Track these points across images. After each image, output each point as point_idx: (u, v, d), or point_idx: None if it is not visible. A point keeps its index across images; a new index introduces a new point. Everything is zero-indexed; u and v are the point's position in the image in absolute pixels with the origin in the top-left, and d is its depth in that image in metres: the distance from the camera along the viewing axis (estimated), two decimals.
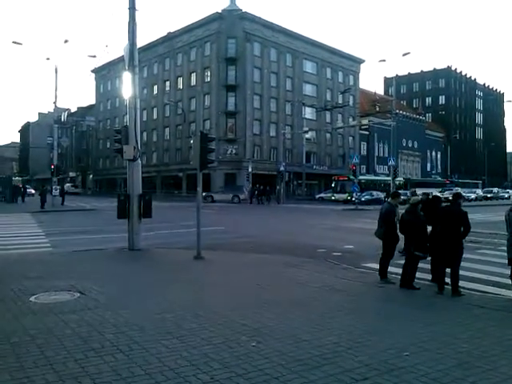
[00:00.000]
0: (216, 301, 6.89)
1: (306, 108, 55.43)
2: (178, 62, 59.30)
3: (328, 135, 61.23)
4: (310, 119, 56.79)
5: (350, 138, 64.93)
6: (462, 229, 7.56)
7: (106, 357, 4.51)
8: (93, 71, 75.54)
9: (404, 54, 37.16)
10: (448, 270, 7.69)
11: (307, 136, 52.61)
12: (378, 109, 54.84)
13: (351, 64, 65.77)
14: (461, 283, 7.73)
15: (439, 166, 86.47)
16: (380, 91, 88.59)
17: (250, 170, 46.08)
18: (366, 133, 65.85)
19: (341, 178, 47.98)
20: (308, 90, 59.86)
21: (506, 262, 7.46)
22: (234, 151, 52.13)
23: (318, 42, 61.02)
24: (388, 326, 5.81)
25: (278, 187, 45.07)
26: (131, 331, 5.33)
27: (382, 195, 40.13)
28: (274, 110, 55.80)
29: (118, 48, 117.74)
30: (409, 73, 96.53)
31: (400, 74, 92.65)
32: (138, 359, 4.46)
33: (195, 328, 5.48)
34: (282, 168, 45.07)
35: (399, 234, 8.35)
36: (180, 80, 59.02)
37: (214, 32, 53.49)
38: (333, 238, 15.91)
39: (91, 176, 78.97)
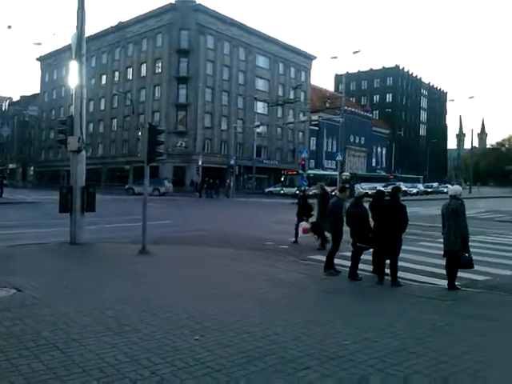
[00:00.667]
0: (160, 295, 6.80)
1: (258, 102, 55.65)
2: (128, 52, 57.82)
3: (279, 130, 61.75)
4: (262, 114, 57.05)
5: (300, 133, 65.78)
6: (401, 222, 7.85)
7: (42, 355, 4.34)
8: (38, 59, 72.32)
9: (354, 52, 38.22)
10: (388, 262, 7.97)
11: (258, 130, 52.83)
12: (327, 105, 55.87)
13: (303, 60, 66.51)
14: (400, 274, 8.03)
15: (384, 162, 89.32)
16: (330, 88, 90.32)
17: (200, 163, 45.76)
18: (316, 128, 66.95)
19: (290, 173, 48.52)
20: (260, 84, 60.05)
21: (443, 253, 7.84)
22: (184, 144, 51.54)
23: (271, 37, 61.26)
24: (330, 316, 5.94)
25: (228, 181, 45.03)
26: (69, 328, 5.16)
27: (329, 189, 40.92)
28: (225, 104, 55.61)
29: (65, 36, 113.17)
30: (358, 70, 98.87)
31: (350, 72, 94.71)
32: (76, 356, 4.32)
33: (137, 323, 5.38)
34: (232, 162, 45.07)
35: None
36: (130, 71, 57.60)
37: (167, 23, 52.53)
38: (281, 231, 16.07)
39: (32, 168, 75.63)
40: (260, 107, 56.51)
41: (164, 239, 13.08)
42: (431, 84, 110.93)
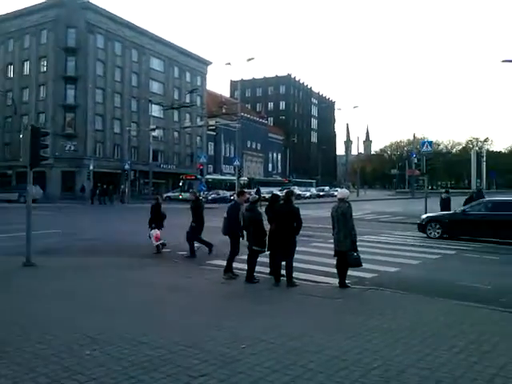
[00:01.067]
0: (46, 310, 6.30)
1: (153, 106, 54.31)
2: (8, 48, 53.22)
3: (176, 134, 60.89)
4: (158, 117, 55.78)
5: (198, 138, 65.55)
6: (295, 224, 8.13)
7: None
8: None
9: (249, 59, 38.86)
10: (284, 263, 8.20)
11: (154, 134, 51.58)
12: (224, 110, 56.37)
13: (199, 65, 66.41)
14: (295, 274, 8.30)
15: (280, 167, 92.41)
16: (226, 94, 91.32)
17: (91, 167, 43.54)
18: (214, 133, 67.22)
19: (188, 177, 48.13)
20: (155, 87, 58.76)
21: (333, 253, 8.25)
22: (73, 148, 48.62)
23: (165, 40, 60.30)
24: (228, 320, 5.94)
25: (122, 186, 43.38)
26: None
27: (228, 194, 41.34)
28: (118, 106, 53.50)
29: None
30: (253, 78, 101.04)
31: (245, 78, 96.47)
32: None
33: (20, 341, 4.92)
34: (126, 166, 43.49)
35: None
36: (10, 68, 53.08)
37: (52, 19, 49.21)
38: (178, 237, 15.82)
39: None
40: (155, 110, 55.21)
41: (52, 250, 12.20)
42: (320, 93, 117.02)
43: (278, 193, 10.31)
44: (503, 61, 30.34)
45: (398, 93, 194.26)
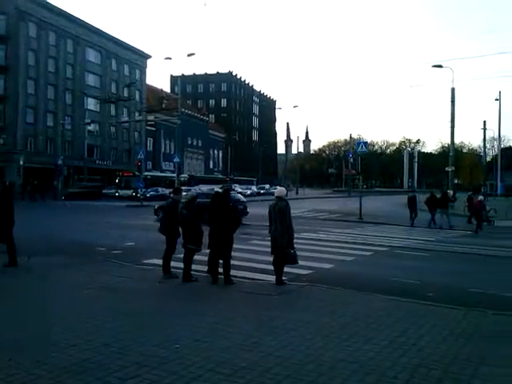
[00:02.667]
0: None
1: (89, 99, 52.43)
2: None
3: (113, 129, 59.11)
4: (94, 111, 53.94)
5: (136, 133, 63.96)
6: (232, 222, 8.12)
7: None
8: None
9: (189, 55, 38.35)
10: (221, 261, 8.16)
11: (90, 128, 49.89)
12: (164, 106, 55.39)
13: (138, 58, 64.83)
14: (233, 272, 8.29)
15: (221, 164, 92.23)
16: (167, 89, 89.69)
17: (21, 163, 41.35)
18: (153, 129, 65.83)
19: (126, 174, 46.86)
20: (91, 80, 56.70)
21: (271, 250, 8.31)
22: (1, 141, 45.95)
23: (102, 32, 58.32)
24: (163, 320, 5.83)
25: (55, 182, 41.54)
26: None
27: (167, 191, 40.65)
28: (51, 98, 51.12)
29: None
30: (194, 73, 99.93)
31: (186, 74, 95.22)
32: None
33: None
34: (59, 162, 41.70)
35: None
36: None
37: None
38: (114, 235, 15.39)
39: None
40: (91, 104, 53.31)
41: None
42: (262, 92, 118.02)
43: (219, 190, 10.25)
44: (433, 66, 32.04)
45: (337, 94, 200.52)
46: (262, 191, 62.89)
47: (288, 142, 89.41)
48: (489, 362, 4.54)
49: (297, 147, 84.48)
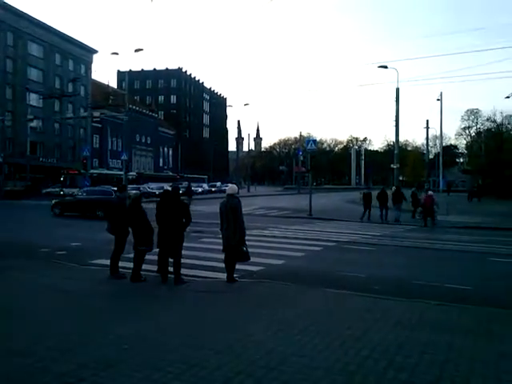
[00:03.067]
0: None
1: (32, 94, 50.23)
2: None
3: (57, 125, 56.89)
4: (37, 106, 51.68)
5: (82, 130, 61.89)
6: (183, 220, 8.02)
7: None
8: None
9: (137, 50, 37.36)
10: (171, 260, 8.05)
11: (32, 125, 47.77)
12: (111, 102, 53.85)
13: (83, 53, 62.69)
14: (184, 271, 8.20)
15: (171, 162, 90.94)
16: (114, 85, 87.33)
17: None
18: (99, 125, 63.93)
19: (71, 172, 45.36)
20: (33, 74, 54.25)
21: (222, 248, 8.29)
22: None
23: (46, 25, 55.88)
24: (111, 321, 5.68)
25: None
26: None
27: (114, 189, 39.67)
28: None
29: None
30: (142, 69, 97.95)
31: (134, 69, 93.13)
32: None
33: None
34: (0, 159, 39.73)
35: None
36: None
37: None
38: (60, 235, 14.87)
39: None
40: (34, 99, 51.06)
41: None
42: (212, 89, 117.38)
43: (169, 188, 10.09)
44: (379, 66, 33.03)
45: (287, 92, 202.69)
46: (213, 189, 62.67)
47: (239, 140, 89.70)
48: (430, 351, 4.73)
49: (248, 145, 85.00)
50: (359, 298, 7.12)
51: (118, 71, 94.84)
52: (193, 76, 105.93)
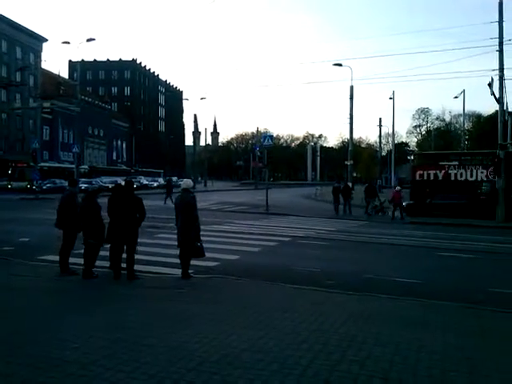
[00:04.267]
0: None
1: None
2: None
3: (4, 116, 54.37)
4: None
5: (31, 121, 59.43)
6: (137, 215, 7.86)
7: None
8: None
9: (88, 40, 36.21)
10: (124, 256, 7.88)
11: None
12: (62, 92, 52.07)
13: (32, 41, 60.07)
14: (138, 267, 8.05)
15: (125, 155, 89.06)
16: (65, 75, 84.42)
17: None
18: (50, 117, 61.66)
19: (19, 165, 43.54)
20: None
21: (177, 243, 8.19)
22: None
23: None
24: (59, 319, 5.49)
25: None
26: None
27: (65, 183, 38.46)
28: None
29: None
30: (95, 60, 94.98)
31: (86, 60, 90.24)
32: None
33: None
34: None
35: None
36: None
37: None
38: (6, 230, 14.23)
39: None
40: None
41: None
42: (168, 82, 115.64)
43: (122, 183, 9.87)
44: (334, 64, 33.59)
45: (245, 87, 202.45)
46: None
47: (196, 134, 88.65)
48: (380, 344, 4.86)
49: (205, 139, 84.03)
50: (313, 292, 7.22)
51: (70, 61, 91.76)
52: (148, 68, 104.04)
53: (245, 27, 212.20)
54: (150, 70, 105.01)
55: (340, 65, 33.16)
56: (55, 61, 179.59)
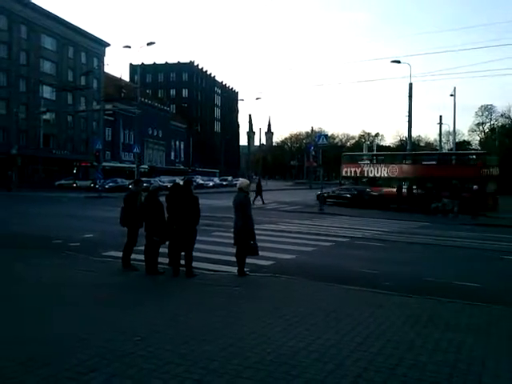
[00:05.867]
0: None
1: (45, 87, 50.65)
2: None
3: (70, 118, 57.33)
4: (49, 99, 52.03)
5: (94, 123, 62.23)
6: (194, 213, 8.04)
7: None
8: None
9: (149, 44, 37.48)
10: (183, 253, 8.09)
11: (45, 117, 48.22)
12: (123, 95, 54.13)
13: (96, 46, 62.93)
14: (196, 264, 8.24)
15: (182, 156, 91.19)
16: (126, 78, 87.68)
17: None
18: (111, 118, 64.30)
19: (83, 164, 45.74)
20: (47, 67, 54.65)
21: (233, 242, 8.32)
22: None
23: (59, 18, 56.12)
24: (123, 313, 5.73)
25: (9, 173, 40.01)
26: None
27: (126, 182, 39.95)
28: (4, 85, 49.00)
29: None
30: (154, 63, 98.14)
31: (146, 63, 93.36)
32: None
33: None
34: (14, 151, 40.16)
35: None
36: None
37: None
38: (72, 227, 15.01)
39: None
40: (47, 92, 51.45)
41: None
42: (224, 83, 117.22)
43: (180, 182, 10.13)
44: (392, 61, 32.73)
45: (299, 86, 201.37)
46: (224, 183, 62.84)
47: (250, 134, 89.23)
48: (440, 349, 4.71)
49: (259, 139, 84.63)
50: (370, 294, 7.10)
51: (131, 64, 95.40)
52: (204, 70, 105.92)
53: (299, 27, 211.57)
54: (206, 71, 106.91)
55: (398, 62, 32.24)
56: (117, 64, 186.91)
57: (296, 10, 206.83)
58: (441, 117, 45.68)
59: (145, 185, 10.03)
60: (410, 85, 32.46)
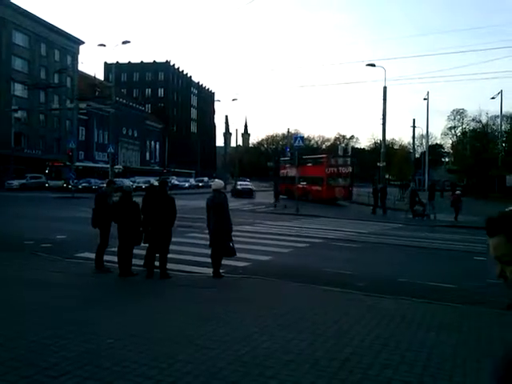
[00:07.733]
0: None
1: (16, 84, 49.42)
2: None
3: (42, 117, 56.06)
4: (21, 97, 50.84)
5: (68, 122, 61.03)
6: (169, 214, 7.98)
7: None
8: None
9: (124, 42, 36.90)
10: (158, 255, 8.00)
11: (17, 115, 47.06)
12: (97, 94, 53.32)
13: (69, 44, 61.72)
14: (170, 266, 8.16)
15: (158, 156, 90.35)
16: (100, 77, 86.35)
17: None
18: (85, 117, 63.22)
19: (56, 164, 44.83)
20: (18, 64, 53.25)
21: (209, 243, 8.27)
22: None
23: (31, 14, 54.79)
24: (94, 315, 5.63)
25: None
26: None
27: (100, 182, 39.37)
28: None
29: None
30: (129, 62, 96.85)
31: (121, 62, 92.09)
32: None
33: None
34: None
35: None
36: None
37: None
38: (44, 228, 14.70)
39: None
40: (18, 90, 50.24)
41: None
42: (200, 83, 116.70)
43: (155, 183, 10.03)
44: (367, 64, 33.16)
45: (276, 89, 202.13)
46: (200, 184, 62.51)
47: (227, 135, 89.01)
48: (413, 348, 4.79)
49: (236, 140, 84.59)
50: (344, 295, 7.16)
51: (105, 63, 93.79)
52: (181, 69, 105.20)
53: (277, 27, 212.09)
54: (183, 71, 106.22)
55: (373, 65, 32.68)
56: (91, 63, 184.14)
57: (275, 10, 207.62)
58: (414, 120, 46.54)
59: (125, 185, 9.93)
60: (385, 88, 32.94)
